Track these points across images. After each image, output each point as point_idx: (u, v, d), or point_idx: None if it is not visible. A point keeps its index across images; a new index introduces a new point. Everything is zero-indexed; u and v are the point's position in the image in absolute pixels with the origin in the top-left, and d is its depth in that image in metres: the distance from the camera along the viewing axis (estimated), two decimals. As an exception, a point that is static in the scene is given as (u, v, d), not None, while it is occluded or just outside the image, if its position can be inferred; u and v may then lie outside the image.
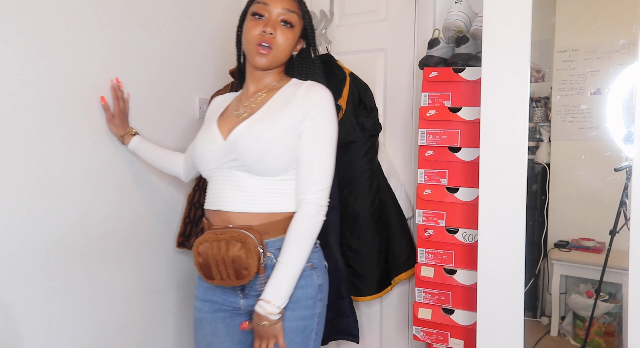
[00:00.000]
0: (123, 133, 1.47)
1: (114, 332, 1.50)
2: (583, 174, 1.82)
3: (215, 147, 1.22)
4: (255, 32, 1.21)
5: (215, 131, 1.24)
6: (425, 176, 1.56)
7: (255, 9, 1.23)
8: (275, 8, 1.22)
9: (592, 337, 1.79)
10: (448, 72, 1.52)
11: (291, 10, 1.23)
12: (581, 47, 1.78)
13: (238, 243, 1.13)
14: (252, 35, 1.21)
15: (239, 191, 1.18)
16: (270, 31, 1.20)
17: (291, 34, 1.24)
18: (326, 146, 1.19)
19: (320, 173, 1.18)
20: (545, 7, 1.83)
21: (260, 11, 1.22)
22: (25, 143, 1.24)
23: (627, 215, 1.54)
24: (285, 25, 1.23)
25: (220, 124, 1.26)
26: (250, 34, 1.21)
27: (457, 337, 1.53)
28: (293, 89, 1.24)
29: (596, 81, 1.76)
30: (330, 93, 1.24)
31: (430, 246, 1.56)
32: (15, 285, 1.23)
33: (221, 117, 1.30)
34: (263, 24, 1.21)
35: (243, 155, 1.16)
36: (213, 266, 1.16)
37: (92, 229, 1.41)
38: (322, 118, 1.19)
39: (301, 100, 1.20)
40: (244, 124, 1.19)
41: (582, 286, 1.85)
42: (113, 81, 1.45)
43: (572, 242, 1.87)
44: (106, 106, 1.43)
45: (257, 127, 1.18)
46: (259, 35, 1.20)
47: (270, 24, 1.21)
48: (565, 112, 1.84)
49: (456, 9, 1.57)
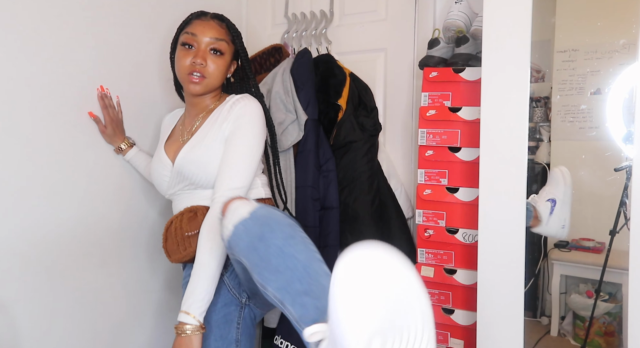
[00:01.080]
0: (119, 143, 1.47)
1: (114, 331, 1.50)
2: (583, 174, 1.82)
3: (167, 173, 1.29)
4: (185, 62, 1.24)
5: (164, 158, 1.32)
6: (425, 176, 1.56)
7: (184, 39, 1.26)
8: (204, 37, 1.24)
9: (592, 337, 1.79)
10: (448, 72, 1.52)
11: (219, 38, 1.26)
12: (581, 47, 1.78)
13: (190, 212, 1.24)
14: (183, 65, 1.24)
15: (201, 199, 1.27)
16: (200, 62, 1.23)
17: (221, 61, 1.27)
18: (242, 150, 1.22)
19: (231, 173, 1.20)
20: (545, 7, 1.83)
21: (189, 41, 1.25)
22: (25, 143, 1.24)
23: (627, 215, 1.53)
24: (215, 53, 1.26)
25: (167, 149, 1.34)
26: (181, 63, 1.25)
27: (457, 337, 1.53)
28: (225, 106, 1.28)
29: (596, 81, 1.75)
30: (256, 102, 1.28)
31: (430, 246, 1.56)
32: (15, 285, 1.23)
33: (168, 141, 1.38)
34: (193, 54, 1.24)
35: (191, 179, 1.25)
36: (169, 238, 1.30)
37: (92, 229, 1.41)
38: (240, 123, 1.23)
39: (227, 114, 1.25)
40: (183, 150, 1.26)
41: (582, 286, 1.85)
42: (98, 89, 1.41)
43: (572, 242, 1.87)
44: (96, 118, 1.41)
45: (193, 153, 1.24)
46: (190, 66, 1.24)
47: (199, 55, 1.23)
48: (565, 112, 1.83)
49: (456, 9, 1.57)
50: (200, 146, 1.24)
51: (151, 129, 1.59)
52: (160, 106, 1.62)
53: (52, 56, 1.29)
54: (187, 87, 1.26)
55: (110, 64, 1.45)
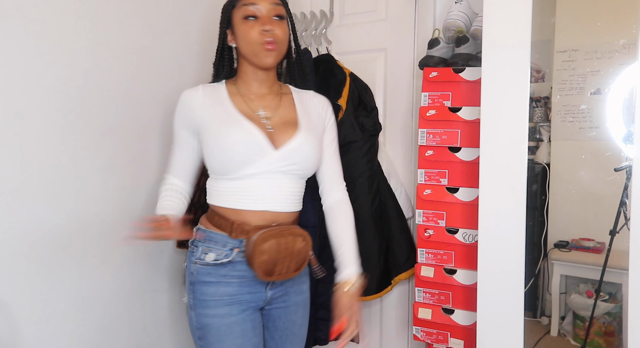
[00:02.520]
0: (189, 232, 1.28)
1: (114, 331, 1.50)
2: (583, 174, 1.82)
3: (264, 153, 1.21)
4: (254, 33, 1.22)
5: (260, 137, 1.21)
6: (425, 176, 1.56)
7: (245, 12, 1.24)
8: (265, 4, 1.23)
9: (592, 337, 1.79)
10: (448, 72, 1.52)
11: (277, 3, 1.26)
12: (581, 47, 1.78)
13: (299, 237, 1.23)
14: (253, 37, 1.22)
15: (281, 192, 1.25)
16: (269, 28, 1.21)
17: (285, 26, 1.27)
18: (338, 148, 1.38)
19: (341, 172, 1.39)
20: (545, 7, 1.83)
21: (251, 13, 1.23)
22: (25, 143, 1.24)
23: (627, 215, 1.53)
24: (278, 19, 1.25)
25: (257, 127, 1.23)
26: (249, 36, 1.22)
27: (457, 337, 1.53)
28: (302, 96, 1.36)
29: (596, 81, 1.76)
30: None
31: (430, 246, 1.56)
32: (15, 285, 1.23)
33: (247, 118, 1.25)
34: (259, 23, 1.22)
35: (304, 162, 1.26)
36: (279, 262, 1.21)
37: (92, 229, 1.41)
38: (333, 123, 1.38)
39: (319, 108, 1.35)
40: (301, 135, 1.25)
41: (582, 286, 1.85)
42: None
43: (572, 242, 1.87)
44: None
45: (311, 136, 1.27)
46: (260, 35, 1.21)
47: (267, 22, 1.22)
48: (565, 112, 1.84)
49: (456, 9, 1.57)
50: (312, 131, 1.29)
51: (153, 128, 1.59)
52: (161, 106, 1.62)
53: (52, 56, 1.29)
54: (262, 61, 1.24)
55: (111, 64, 1.45)
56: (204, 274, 1.24)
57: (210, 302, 1.23)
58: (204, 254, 1.25)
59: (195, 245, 1.28)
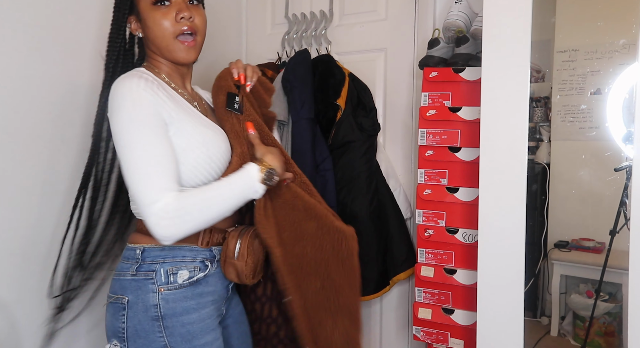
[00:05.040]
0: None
1: (114, 332, 1.50)
2: (583, 174, 1.82)
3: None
4: (166, 23, 1.00)
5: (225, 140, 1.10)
6: (425, 176, 1.56)
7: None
8: None
9: (592, 337, 1.79)
10: (448, 72, 1.52)
11: None
12: (581, 47, 1.78)
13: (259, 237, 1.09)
14: (165, 28, 1.00)
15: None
16: (188, 15, 0.99)
17: (203, 12, 1.05)
18: None
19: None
20: (545, 7, 1.83)
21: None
22: (25, 143, 1.24)
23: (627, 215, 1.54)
24: (195, 4, 1.04)
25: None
26: (161, 27, 1.00)
27: (457, 337, 1.53)
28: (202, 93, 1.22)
29: (596, 81, 1.76)
30: None
31: (430, 246, 1.56)
32: (15, 285, 1.23)
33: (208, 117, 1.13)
34: (174, 10, 1.00)
35: None
36: (259, 262, 1.09)
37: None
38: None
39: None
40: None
41: (582, 286, 1.85)
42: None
43: (572, 242, 1.87)
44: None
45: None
46: (176, 24, 1.00)
47: (183, 8, 1.00)
48: (565, 112, 1.84)
49: (456, 9, 1.57)
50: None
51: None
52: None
53: (52, 56, 1.29)
54: (180, 57, 1.03)
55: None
56: (180, 299, 1.01)
57: (197, 331, 1.01)
58: (171, 275, 1.01)
59: (148, 270, 1.02)
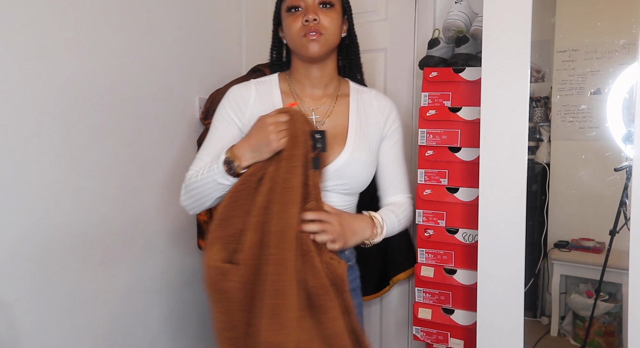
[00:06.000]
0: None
1: (114, 331, 1.50)
2: (583, 174, 1.82)
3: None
4: (296, 26, 1.12)
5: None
6: (425, 176, 1.56)
7: (288, 3, 1.14)
8: None
9: (592, 337, 1.79)
10: (448, 72, 1.52)
11: None
12: (581, 47, 1.78)
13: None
14: (294, 30, 1.12)
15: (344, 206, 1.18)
16: (312, 17, 1.10)
17: (334, 14, 1.15)
18: (401, 153, 1.27)
19: (403, 178, 1.27)
20: (545, 7, 1.83)
21: (294, 3, 1.13)
22: (26, 143, 1.24)
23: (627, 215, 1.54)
24: (325, 7, 1.14)
25: None
26: (292, 29, 1.13)
27: (457, 337, 1.53)
28: (361, 98, 1.22)
29: (596, 81, 1.76)
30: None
31: (430, 246, 1.56)
32: (15, 285, 1.23)
33: None
34: (301, 14, 1.12)
35: (351, 181, 1.15)
36: None
37: (92, 229, 1.41)
38: (396, 129, 1.24)
39: (378, 116, 1.21)
40: (348, 152, 1.14)
41: (582, 286, 1.85)
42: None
43: (572, 242, 1.87)
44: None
45: (360, 153, 1.16)
46: (302, 27, 1.11)
47: (309, 12, 1.11)
48: (565, 112, 1.84)
49: (456, 9, 1.57)
50: (363, 144, 1.17)
51: (153, 128, 1.59)
52: (161, 105, 1.62)
53: (53, 56, 1.29)
54: (305, 50, 1.12)
55: (111, 64, 1.45)
56: None
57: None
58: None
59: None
